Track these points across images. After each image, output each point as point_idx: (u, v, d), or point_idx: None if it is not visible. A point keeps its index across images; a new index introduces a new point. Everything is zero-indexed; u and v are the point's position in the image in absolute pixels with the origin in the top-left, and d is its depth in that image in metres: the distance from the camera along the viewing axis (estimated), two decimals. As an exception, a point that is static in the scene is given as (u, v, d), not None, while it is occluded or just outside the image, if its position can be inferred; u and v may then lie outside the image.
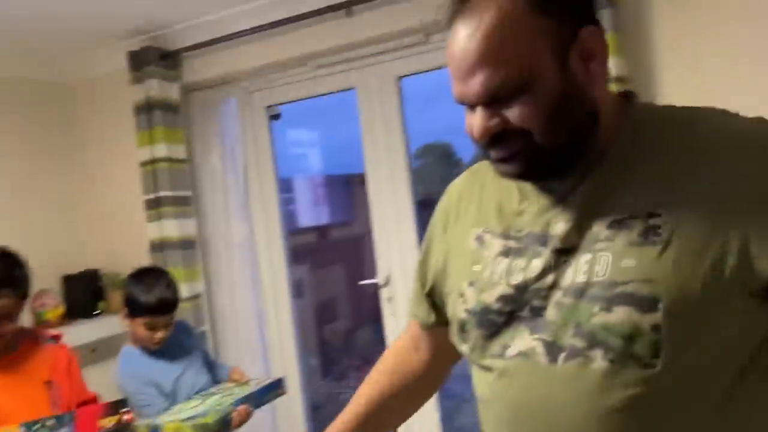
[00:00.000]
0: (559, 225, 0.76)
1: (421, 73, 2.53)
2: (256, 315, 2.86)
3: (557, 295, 0.73)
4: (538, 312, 0.75)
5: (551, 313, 0.73)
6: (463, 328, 0.84)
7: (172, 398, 1.99)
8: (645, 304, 0.66)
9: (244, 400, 1.86)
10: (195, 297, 2.74)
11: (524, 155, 0.73)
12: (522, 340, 0.76)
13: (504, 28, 0.69)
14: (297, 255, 4.24)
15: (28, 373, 1.69)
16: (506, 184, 0.85)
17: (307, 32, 2.51)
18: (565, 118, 0.71)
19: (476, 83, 0.71)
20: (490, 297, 0.79)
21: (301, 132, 4.46)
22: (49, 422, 1.56)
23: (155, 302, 1.92)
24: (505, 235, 0.82)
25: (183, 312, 2.63)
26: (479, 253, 0.84)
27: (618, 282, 0.68)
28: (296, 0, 2.46)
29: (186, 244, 2.72)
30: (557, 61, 0.70)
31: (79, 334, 2.75)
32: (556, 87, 0.70)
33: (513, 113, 0.71)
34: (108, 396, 1.80)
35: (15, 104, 2.87)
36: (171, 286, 2.00)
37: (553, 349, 0.73)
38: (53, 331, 1.91)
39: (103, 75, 2.93)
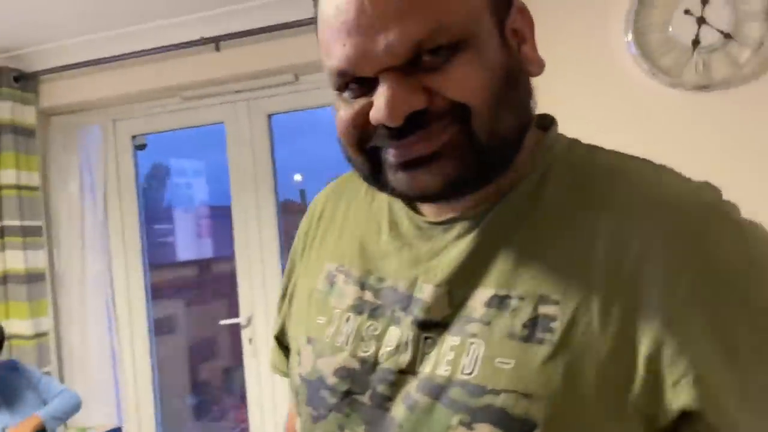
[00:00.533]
0: (427, 288, 0.55)
1: (292, 111, 2.54)
2: (109, 355, 2.69)
3: (410, 386, 0.54)
4: (381, 403, 0.55)
5: (399, 411, 0.53)
6: (297, 396, 0.64)
7: None
8: (516, 428, 0.48)
9: None
10: (40, 334, 2.54)
11: (455, 151, 0.50)
12: None
13: None
14: (174, 289, 4.06)
15: None
16: (377, 210, 0.64)
17: (175, 63, 2.45)
18: (512, 98, 0.52)
19: (395, 35, 0.48)
20: (328, 366, 0.59)
21: (186, 161, 4.34)
22: None
23: None
24: (362, 283, 0.61)
25: (25, 351, 2.44)
26: (327, 300, 0.63)
27: (487, 389, 0.49)
28: (165, 30, 2.41)
29: (33, 277, 2.54)
30: (496, 27, 0.52)
31: None
32: (500, 52, 0.52)
33: (446, 79, 0.49)
34: None
35: None
36: None
37: None
38: None
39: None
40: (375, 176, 0.55)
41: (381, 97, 0.49)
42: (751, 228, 0.51)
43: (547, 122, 0.61)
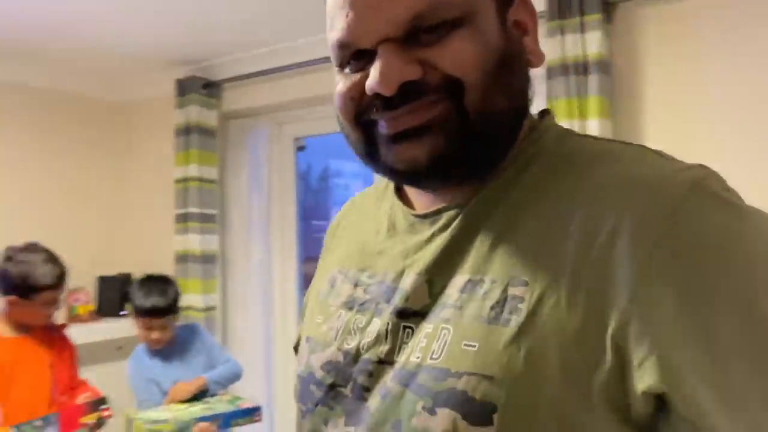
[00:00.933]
0: (409, 277, 0.56)
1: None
2: (264, 336, 3.00)
3: (387, 376, 0.54)
4: (361, 393, 0.56)
5: (375, 400, 0.54)
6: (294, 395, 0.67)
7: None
8: (475, 411, 0.47)
9: (211, 417, 1.98)
10: (209, 309, 2.92)
11: (444, 126, 0.51)
12: (335, 429, 0.57)
13: None
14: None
15: (38, 356, 1.91)
16: (382, 214, 0.66)
17: (332, 74, 2.68)
18: (506, 80, 0.52)
19: (397, 6, 0.50)
20: (318, 361, 0.61)
21: (345, 164, 4.65)
22: (37, 423, 1.73)
23: (148, 306, 2.11)
24: (356, 280, 0.63)
25: (196, 320, 2.82)
26: (326, 300, 0.66)
27: (451, 372, 0.49)
28: (324, 43, 2.64)
29: (207, 259, 2.92)
30: (497, 12, 0.54)
31: (107, 330, 3.01)
32: (498, 36, 0.53)
33: (442, 53, 0.50)
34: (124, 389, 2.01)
35: (72, 118, 3.21)
36: (167, 294, 2.18)
37: None
38: (60, 323, 2.12)
39: (153, 98, 3.23)
40: (369, 153, 0.56)
41: (376, 66, 0.51)
42: (747, 210, 0.47)
43: (544, 114, 0.60)
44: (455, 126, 0.51)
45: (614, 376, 0.45)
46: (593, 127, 1.96)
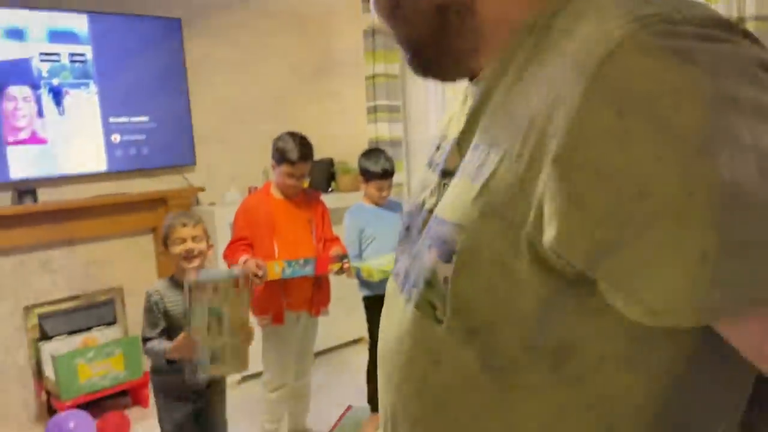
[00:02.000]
0: (450, 142, 0.65)
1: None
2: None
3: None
4: (417, 236, 0.66)
5: (421, 239, 0.65)
6: None
7: (372, 240, 2.76)
8: (447, 251, 0.56)
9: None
10: (398, 185, 3.51)
11: (406, 43, 0.66)
12: (402, 259, 0.69)
13: None
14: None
15: (298, 213, 2.60)
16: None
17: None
18: (399, 12, 0.63)
19: None
20: (407, 208, 0.72)
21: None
22: (300, 261, 2.43)
23: (380, 170, 2.71)
24: (438, 145, 0.72)
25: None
26: (425, 161, 0.76)
27: (442, 220, 0.59)
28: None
29: (394, 143, 3.48)
30: None
31: (317, 204, 3.73)
32: None
33: None
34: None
35: (282, 29, 3.84)
36: (389, 160, 2.77)
37: (403, 276, 0.66)
38: (314, 191, 2.81)
39: (343, 5, 3.73)
40: None
41: None
42: (686, 54, 0.44)
43: None
44: (408, 43, 0.66)
45: (535, 229, 0.49)
46: None
